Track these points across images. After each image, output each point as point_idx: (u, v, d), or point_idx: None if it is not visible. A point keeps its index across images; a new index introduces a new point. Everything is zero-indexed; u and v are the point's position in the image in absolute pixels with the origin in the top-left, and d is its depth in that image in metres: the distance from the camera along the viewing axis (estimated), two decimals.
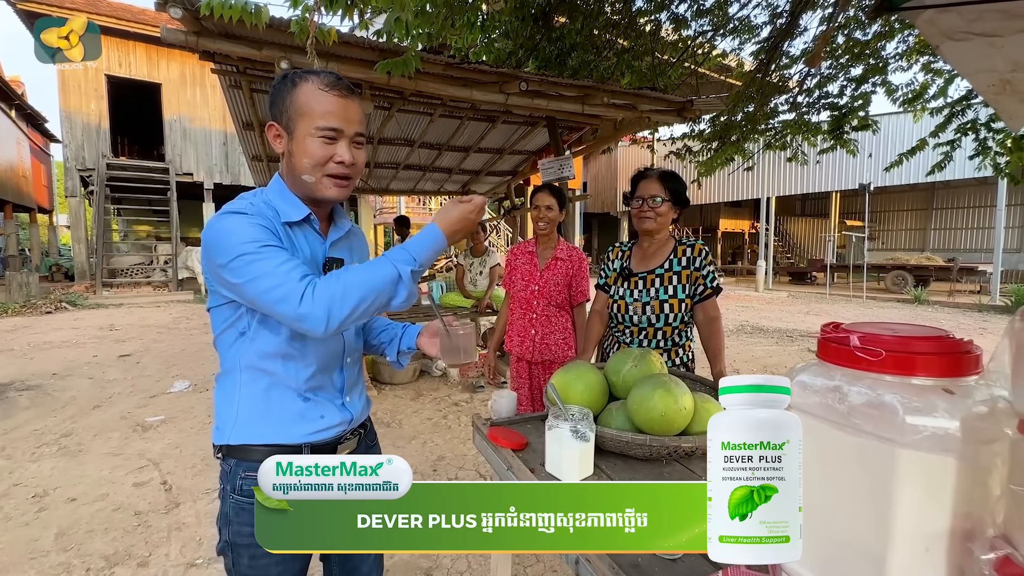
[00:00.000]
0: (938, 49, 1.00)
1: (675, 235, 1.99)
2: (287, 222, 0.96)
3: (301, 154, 0.93)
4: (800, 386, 0.61)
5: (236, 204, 0.94)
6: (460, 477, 2.93)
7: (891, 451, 0.51)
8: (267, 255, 0.86)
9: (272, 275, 0.84)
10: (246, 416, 0.98)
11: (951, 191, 17.95)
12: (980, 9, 0.91)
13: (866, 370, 0.55)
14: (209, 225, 0.92)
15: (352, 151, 0.95)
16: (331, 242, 1.04)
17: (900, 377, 0.53)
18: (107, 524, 2.45)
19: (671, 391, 1.27)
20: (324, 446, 1.02)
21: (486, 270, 5.03)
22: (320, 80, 0.93)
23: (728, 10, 4.67)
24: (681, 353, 1.93)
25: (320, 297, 0.83)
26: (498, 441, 1.41)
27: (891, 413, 0.51)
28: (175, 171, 13.02)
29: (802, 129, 5.26)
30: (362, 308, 0.85)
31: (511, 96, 3.41)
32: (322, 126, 0.92)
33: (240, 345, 0.98)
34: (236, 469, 0.98)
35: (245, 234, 0.87)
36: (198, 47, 2.36)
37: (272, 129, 0.97)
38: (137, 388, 4.73)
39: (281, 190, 0.99)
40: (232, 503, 0.98)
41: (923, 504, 0.51)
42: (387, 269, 0.86)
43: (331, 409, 1.04)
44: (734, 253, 22.47)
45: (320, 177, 0.95)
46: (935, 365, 0.52)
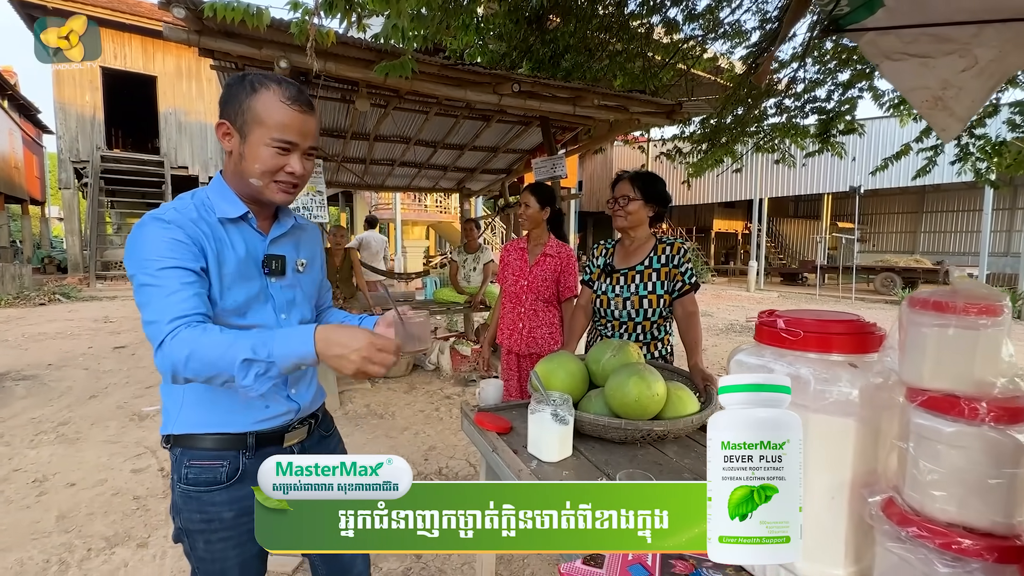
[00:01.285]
0: (878, 67, 1.10)
1: (657, 234, 2.08)
2: (223, 218, 0.97)
3: (253, 159, 0.93)
4: (737, 364, 0.71)
5: (162, 209, 0.94)
6: (450, 466, 3.02)
7: (804, 416, 0.61)
8: (159, 281, 0.86)
9: (151, 308, 0.85)
10: (191, 405, 0.98)
11: (941, 195, 18.19)
12: (915, 33, 1.01)
13: (789, 348, 0.65)
14: (132, 231, 0.93)
15: (303, 163, 0.97)
16: (271, 239, 1.04)
17: (816, 354, 0.63)
18: (107, 507, 2.52)
19: (645, 378, 1.37)
20: (271, 434, 1.03)
21: (480, 266, 5.11)
22: (282, 92, 0.93)
23: (719, 15, 4.77)
24: (660, 347, 2.03)
25: (171, 351, 0.82)
26: (484, 425, 1.50)
27: (804, 384, 0.61)
28: (170, 164, 13.01)
29: (790, 132, 5.38)
30: (203, 379, 0.83)
31: (504, 97, 3.50)
32: (278, 138, 0.92)
33: None
34: (181, 458, 0.99)
35: (152, 250, 0.88)
36: (199, 45, 2.44)
37: (223, 127, 0.96)
38: (133, 379, 4.78)
39: (221, 188, 1.00)
40: (179, 491, 0.99)
41: (828, 459, 0.60)
42: (234, 356, 0.81)
43: (277, 399, 1.03)
44: (727, 253, 22.65)
45: (268, 183, 0.96)
46: (843, 343, 0.61)
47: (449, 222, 15.99)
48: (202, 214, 0.95)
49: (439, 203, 16.82)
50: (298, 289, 1.10)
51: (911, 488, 0.55)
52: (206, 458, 0.98)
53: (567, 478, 1.19)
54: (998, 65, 1.07)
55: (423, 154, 6.28)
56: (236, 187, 0.99)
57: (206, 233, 0.93)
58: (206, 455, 0.98)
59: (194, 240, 0.91)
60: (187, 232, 0.90)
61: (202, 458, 0.98)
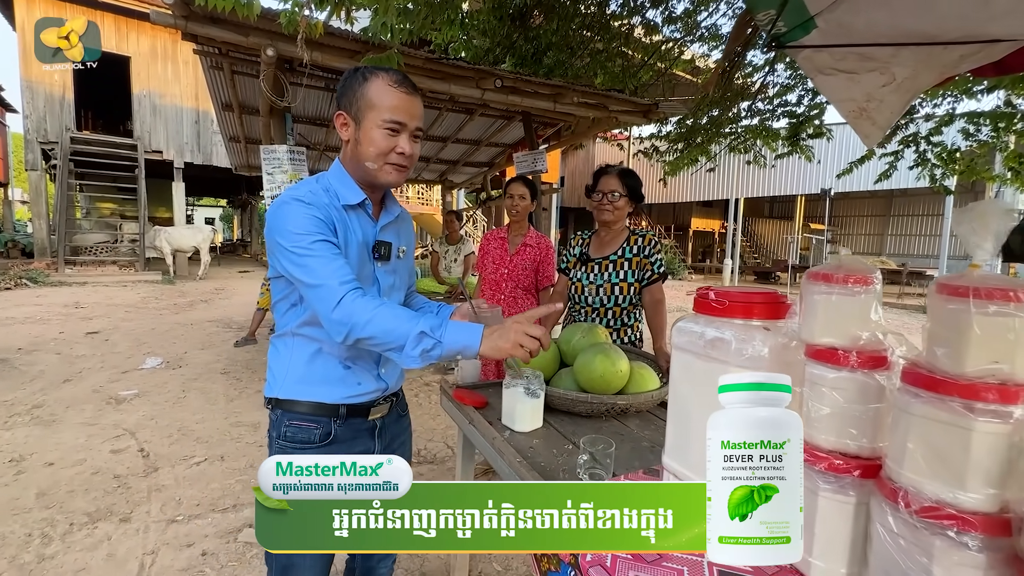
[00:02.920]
0: (813, 80, 1.24)
1: (631, 226, 2.21)
2: (345, 205, 1.06)
3: (368, 143, 1.02)
4: (678, 331, 0.83)
5: (298, 190, 1.03)
6: (428, 448, 3.13)
7: (725, 370, 0.73)
8: (317, 251, 0.96)
9: (317, 273, 0.95)
10: (295, 375, 1.10)
11: (907, 199, 18.90)
12: (843, 51, 1.15)
13: (718, 316, 0.78)
14: (273, 208, 1.03)
15: (411, 144, 1.05)
16: (381, 226, 1.14)
17: (738, 319, 0.76)
18: (87, 485, 2.55)
19: (610, 356, 1.49)
20: (359, 407, 1.14)
21: (461, 258, 5.20)
22: (389, 77, 1.03)
23: (697, 18, 4.93)
24: (630, 332, 2.16)
25: (350, 313, 0.92)
26: (463, 400, 1.62)
27: (727, 344, 0.74)
28: (144, 148, 12.67)
29: (762, 134, 5.59)
30: (374, 342, 0.93)
31: (487, 92, 3.59)
32: (388, 119, 1.01)
33: (291, 314, 1.09)
34: (282, 418, 1.10)
35: (301, 225, 0.97)
36: (186, 30, 2.46)
37: (340, 118, 1.05)
38: (108, 364, 4.74)
39: (341, 175, 1.09)
40: (277, 448, 1.11)
41: None
42: (410, 329, 0.90)
43: (368, 378, 1.13)
44: (704, 251, 23.13)
45: (382, 165, 1.04)
46: (759, 311, 0.74)
47: (431, 214, 15.96)
48: (331, 199, 1.04)
49: (421, 195, 16.76)
50: (397, 275, 1.20)
51: (806, 424, 0.68)
52: (303, 420, 1.09)
53: (537, 446, 1.31)
54: (912, 82, 1.23)
55: None
56: (353, 173, 1.08)
57: (336, 217, 1.03)
58: (303, 418, 1.09)
59: (329, 221, 1.01)
60: (325, 213, 1.00)
61: (300, 420, 1.09)
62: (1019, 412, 0.50)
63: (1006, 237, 0.53)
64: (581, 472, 1.06)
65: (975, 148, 5.14)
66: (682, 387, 0.81)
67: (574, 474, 1.09)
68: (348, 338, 0.93)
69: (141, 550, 2.07)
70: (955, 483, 0.52)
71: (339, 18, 2.00)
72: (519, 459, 1.20)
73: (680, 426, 0.82)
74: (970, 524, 0.50)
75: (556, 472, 1.15)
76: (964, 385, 0.51)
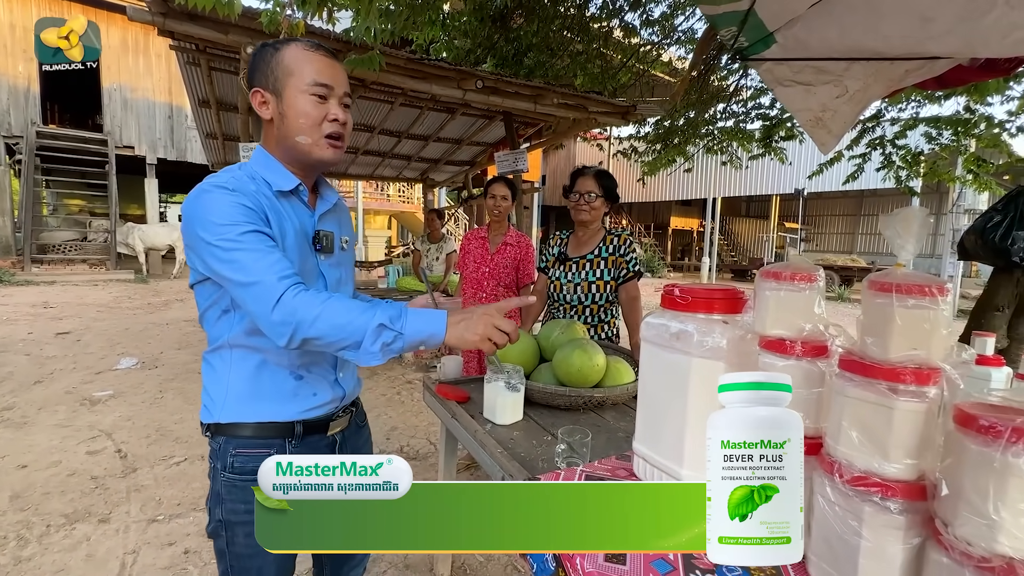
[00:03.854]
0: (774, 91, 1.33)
1: (607, 226, 2.28)
2: (277, 191, 0.93)
3: (295, 115, 0.90)
4: (646, 325, 0.90)
5: (219, 177, 0.89)
6: (412, 444, 3.16)
7: (688, 360, 0.80)
8: (248, 244, 0.83)
9: (250, 269, 0.81)
10: (237, 394, 0.95)
11: (877, 199, 19.54)
12: (801, 65, 1.25)
13: (682, 311, 0.84)
14: (190, 198, 0.88)
15: (344, 111, 0.94)
16: (319, 214, 1.01)
17: (700, 314, 0.82)
18: (63, 487, 2.52)
19: (587, 350, 1.56)
20: (317, 422, 1.00)
21: (443, 256, 5.22)
22: (304, 43, 0.93)
23: (674, 22, 5.05)
24: (607, 329, 2.24)
25: (294, 310, 0.80)
26: (445, 395, 1.66)
27: (690, 336, 0.80)
28: (114, 143, 12.31)
29: (737, 136, 5.76)
30: (324, 342, 0.81)
31: (468, 92, 3.62)
32: (313, 82, 0.90)
33: (225, 323, 0.94)
34: (226, 447, 0.95)
35: (226, 215, 0.83)
36: (164, 27, 2.44)
37: (257, 96, 0.93)
38: (80, 365, 4.64)
39: (267, 160, 0.95)
40: (223, 481, 0.95)
41: (705, 392, 0.80)
42: (367, 322, 0.80)
43: (324, 386, 1.01)
44: (683, 250, 23.53)
45: (317, 138, 0.92)
46: (718, 306, 0.81)
47: (412, 212, 15.90)
48: (259, 186, 0.91)
49: (402, 193, 16.67)
50: (343, 268, 1.08)
51: None
52: (253, 446, 0.95)
53: (517, 438, 1.36)
54: (863, 93, 1.33)
55: (387, 143, 6.31)
56: (282, 156, 0.96)
57: (267, 205, 0.90)
58: (253, 443, 0.95)
59: (259, 209, 0.88)
60: (253, 201, 0.88)
61: (249, 447, 0.95)
62: (933, 392, 0.57)
63: (924, 239, 0.61)
64: (559, 461, 1.12)
65: (938, 151, 5.39)
66: (650, 377, 0.88)
67: (553, 463, 1.15)
68: (293, 340, 0.80)
69: (122, 550, 2.06)
70: (880, 455, 0.59)
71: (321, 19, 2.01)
72: (500, 450, 1.25)
73: (649, 413, 0.89)
74: (893, 490, 0.58)
75: (536, 462, 1.20)
76: (888, 369, 0.58)
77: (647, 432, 0.89)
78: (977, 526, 0.49)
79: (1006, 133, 4.67)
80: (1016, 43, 1.00)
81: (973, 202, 12.82)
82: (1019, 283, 2.88)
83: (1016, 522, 0.47)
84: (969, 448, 0.51)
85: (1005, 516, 0.48)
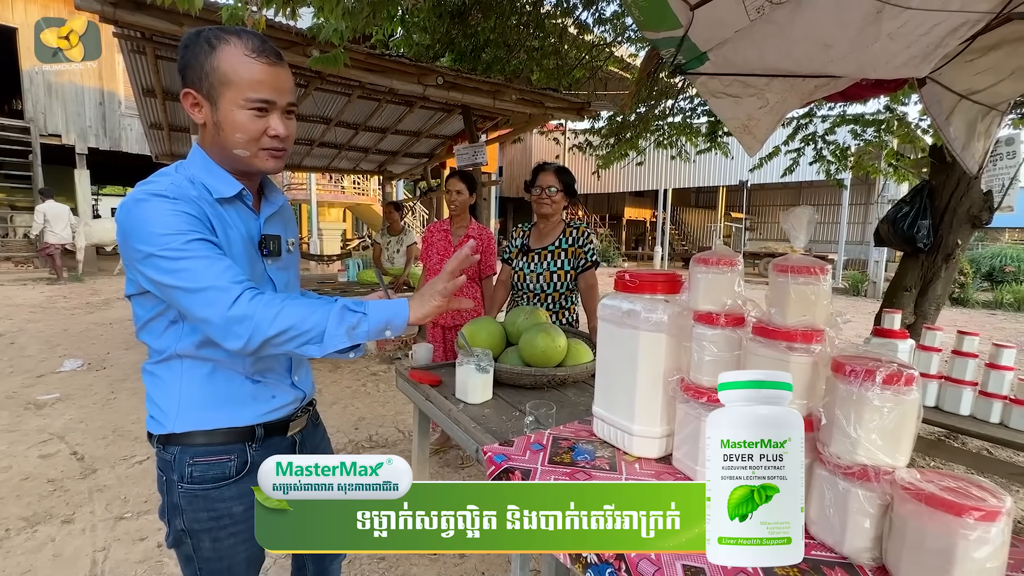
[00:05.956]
0: (708, 101, 1.52)
1: (565, 219, 2.44)
2: (219, 198, 0.89)
3: (232, 129, 0.85)
4: (602, 306, 1.05)
5: (155, 185, 0.84)
6: (380, 433, 3.24)
7: (636, 333, 0.95)
8: (195, 251, 0.79)
9: (200, 276, 0.78)
10: (191, 402, 0.91)
11: (814, 190, 20.80)
12: (729, 79, 1.45)
13: (631, 292, 0.99)
14: (125, 208, 0.82)
15: (285, 123, 0.89)
16: (265, 218, 0.98)
17: (646, 294, 0.98)
18: (18, 491, 2.45)
19: (550, 333, 1.71)
20: (277, 424, 0.99)
21: (403, 248, 5.26)
22: (244, 44, 0.84)
23: (625, 20, 5.25)
24: (567, 315, 2.40)
25: (252, 311, 0.77)
26: (419, 379, 1.77)
27: (637, 313, 0.96)
28: (38, 131, 11.41)
29: (685, 131, 6.07)
30: (286, 337, 0.79)
31: (428, 88, 3.68)
32: (252, 98, 0.84)
33: (172, 334, 0.89)
34: (182, 457, 0.91)
35: (168, 224, 0.79)
36: (115, 19, 2.37)
37: (189, 97, 0.86)
38: (18, 368, 4.39)
39: (205, 163, 0.90)
40: (182, 492, 0.92)
41: (651, 359, 0.96)
42: (328, 310, 0.80)
43: (282, 388, 0.99)
44: (637, 239, 24.28)
45: (256, 152, 0.88)
46: (660, 287, 0.97)
47: (368, 204, 15.62)
48: (200, 192, 0.87)
49: (357, 184, 16.33)
50: (291, 271, 1.06)
51: (694, 371, 0.91)
52: (212, 454, 0.92)
53: (488, 415, 1.49)
54: (781, 105, 1.55)
55: (343, 135, 6.23)
56: (221, 161, 0.91)
57: (211, 212, 0.87)
58: (212, 451, 0.92)
59: (203, 217, 0.85)
60: (196, 208, 0.84)
61: (208, 454, 0.92)
62: (818, 348, 0.75)
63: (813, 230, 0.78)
64: (527, 430, 1.27)
65: (864, 146, 5.89)
66: (606, 350, 1.03)
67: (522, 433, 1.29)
68: (251, 341, 0.78)
69: (91, 547, 2.05)
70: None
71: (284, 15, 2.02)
72: (474, 425, 1.38)
73: (605, 381, 1.04)
74: None
75: (507, 434, 1.34)
76: (785, 332, 0.75)
77: (604, 397, 1.04)
78: (843, 444, 0.67)
79: (919, 130, 5.19)
80: (897, 67, 1.23)
81: (895, 193, 13.96)
82: (923, 267, 3.29)
83: (868, 438, 0.65)
84: (839, 387, 0.68)
85: (861, 434, 0.65)
